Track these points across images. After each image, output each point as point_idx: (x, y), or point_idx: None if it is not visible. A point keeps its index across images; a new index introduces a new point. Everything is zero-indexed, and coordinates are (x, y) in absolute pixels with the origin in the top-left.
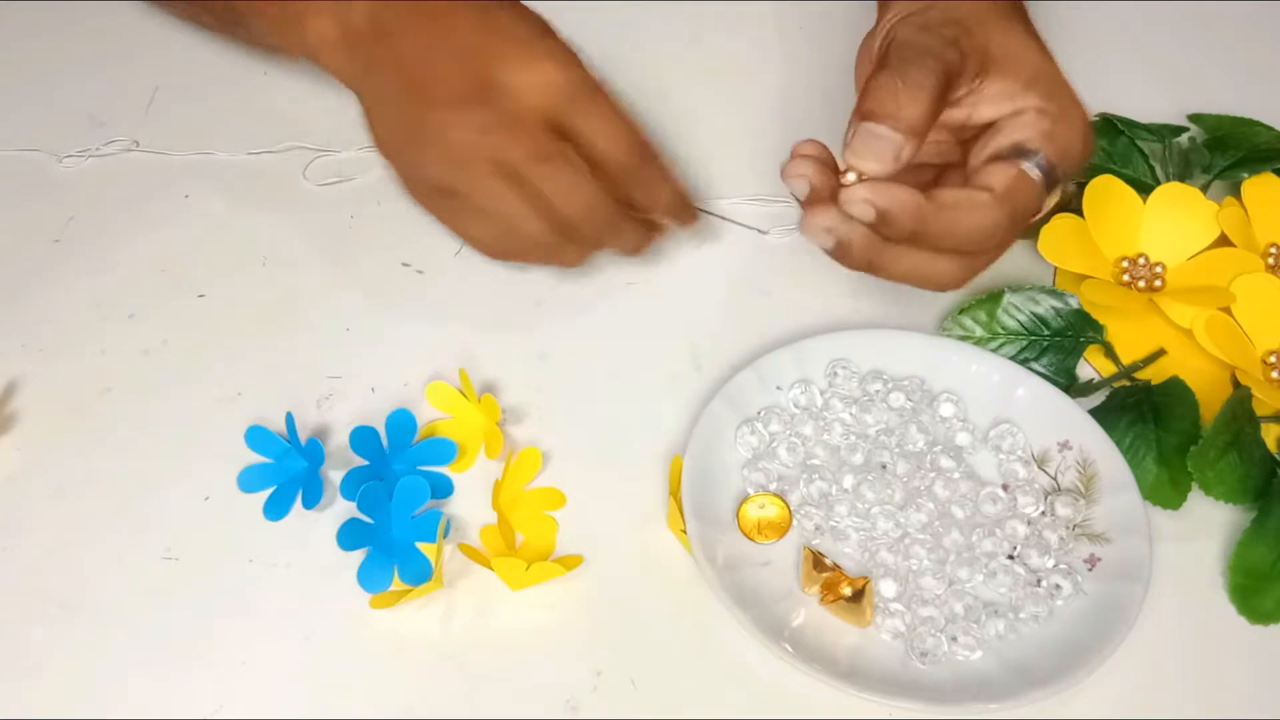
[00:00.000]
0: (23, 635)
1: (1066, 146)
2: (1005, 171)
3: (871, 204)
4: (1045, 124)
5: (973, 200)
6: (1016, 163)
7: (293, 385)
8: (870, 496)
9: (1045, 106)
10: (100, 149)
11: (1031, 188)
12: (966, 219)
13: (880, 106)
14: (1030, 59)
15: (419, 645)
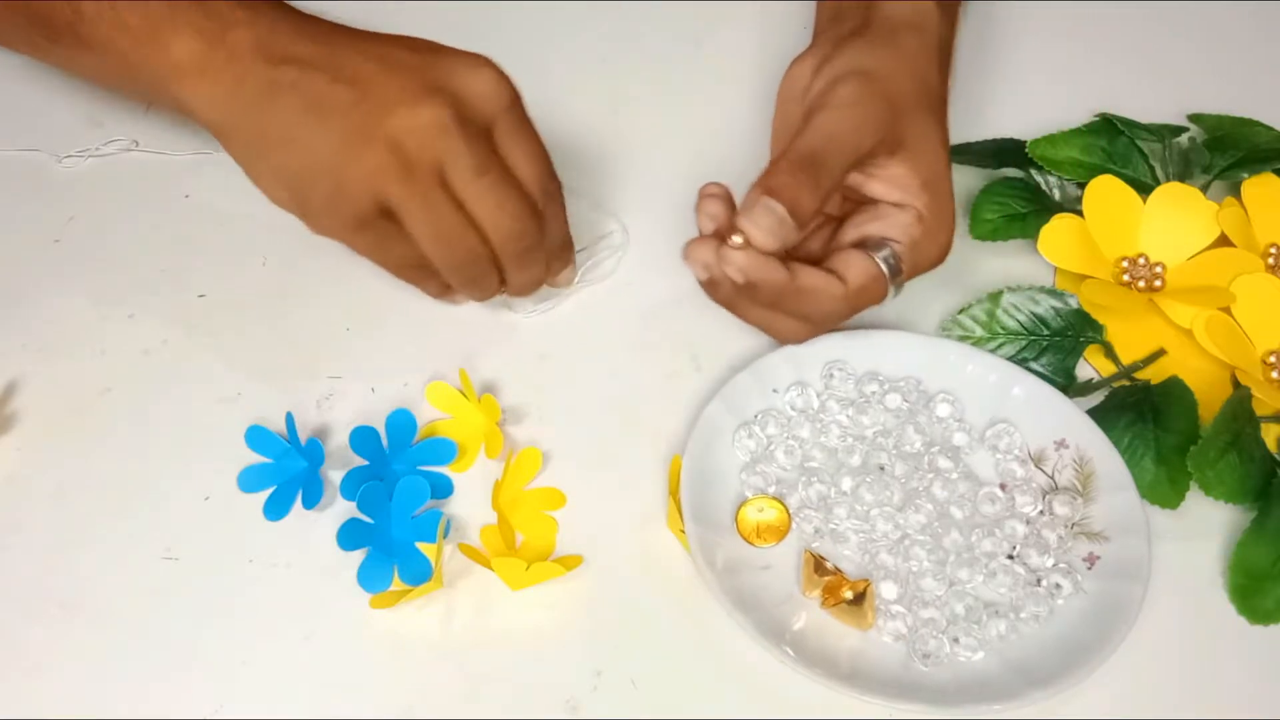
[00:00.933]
0: (23, 635)
1: (924, 259)
2: (863, 268)
3: (745, 273)
4: (916, 232)
5: (828, 290)
6: (874, 261)
7: (293, 385)
8: (869, 498)
9: (925, 214)
10: (100, 149)
11: (880, 287)
12: (818, 303)
13: (785, 189)
14: (934, 161)
15: (419, 645)
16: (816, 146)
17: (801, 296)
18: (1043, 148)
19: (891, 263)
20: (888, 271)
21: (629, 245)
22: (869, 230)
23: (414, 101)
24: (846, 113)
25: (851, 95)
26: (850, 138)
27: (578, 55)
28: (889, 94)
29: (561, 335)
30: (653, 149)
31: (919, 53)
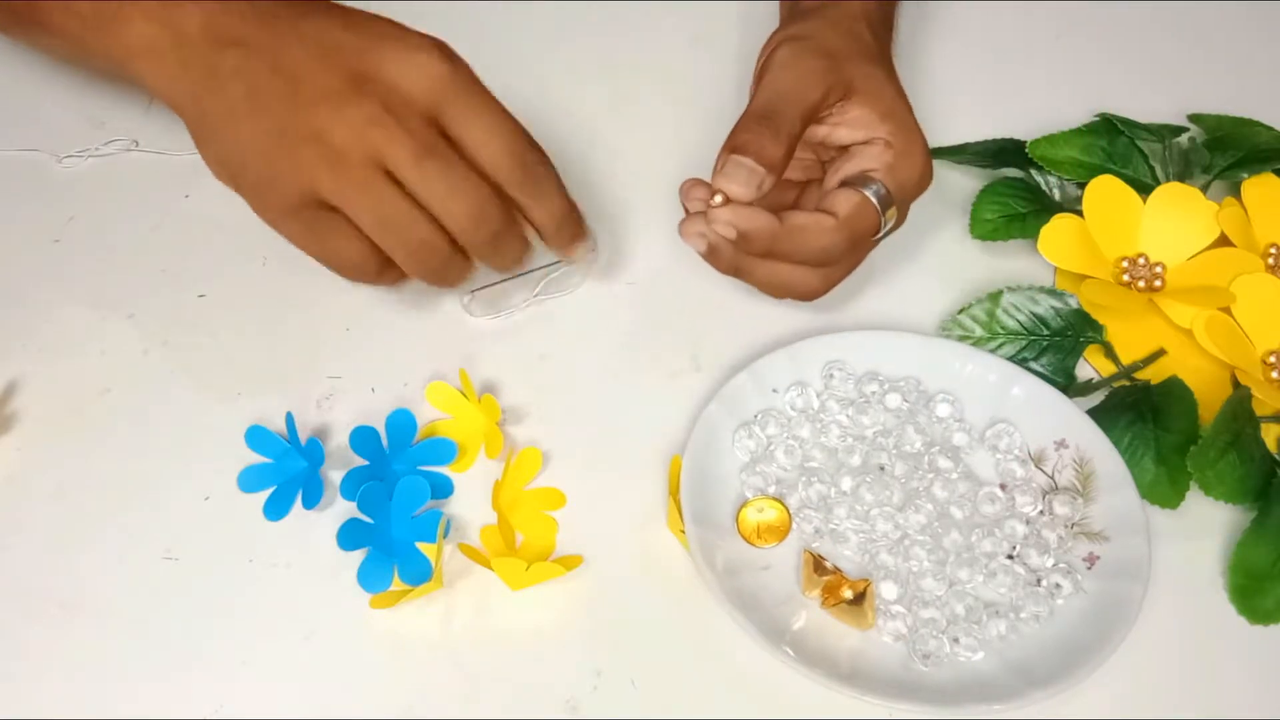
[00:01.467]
0: (23, 635)
1: (905, 179)
2: (849, 198)
3: (733, 225)
4: (889, 156)
5: (819, 224)
6: (859, 190)
7: (293, 385)
8: (869, 498)
9: (893, 140)
10: (100, 149)
11: (870, 213)
12: (813, 239)
13: (749, 143)
14: (888, 96)
15: (419, 645)
16: (767, 101)
17: (794, 236)
18: (1043, 148)
19: (879, 191)
20: (875, 199)
21: (600, 256)
22: (847, 171)
23: (341, 98)
24: (787, 70)
25: (787, 55)
26: (795, 89)
27: (577, 55)
28: (822, 48)
29: (561, 335)
30: (652, 149)
31: (845, 18)
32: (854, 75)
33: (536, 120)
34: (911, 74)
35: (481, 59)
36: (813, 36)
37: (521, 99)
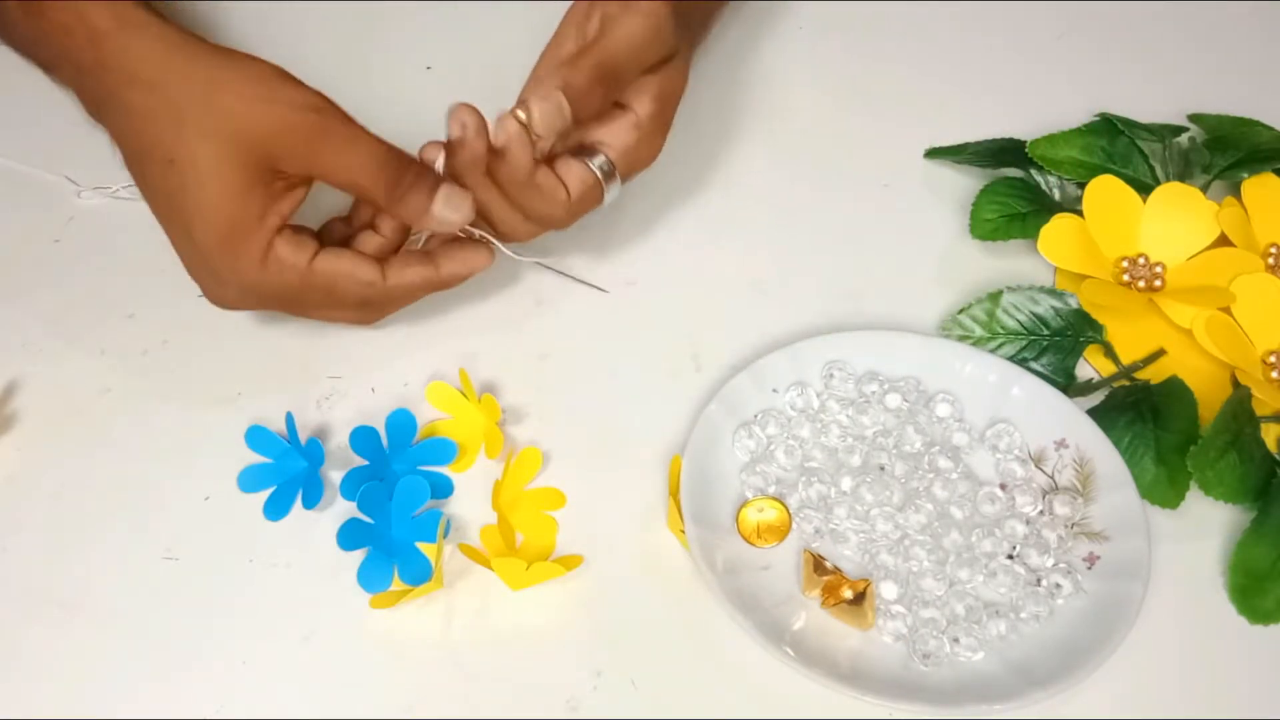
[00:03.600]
0: (23, 635)
1: (636, 163)
2: (584, 178)
3: (509, 141)
4: (631, 138)
5: (555, 193)
6: (593, 170)
7: (293, 385)
8: (869, 498)
9: (643, 122)
10: (118, 191)
11: (596, 194)
12: (542, 204)
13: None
14: (673, 83)
15: (419, 645)
16: (620, 57)
17: (532, 191)
18: (1043, 148)
19: (606, 169)
20: (602, 177)
21: None
22: (589, 134)
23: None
24: (650, 23)
25: (650, 8)
26: (650, 52)
27: None
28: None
29: (561, 335)
30: None
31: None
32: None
33: None
34: (912, 73)
35: (482, 59)
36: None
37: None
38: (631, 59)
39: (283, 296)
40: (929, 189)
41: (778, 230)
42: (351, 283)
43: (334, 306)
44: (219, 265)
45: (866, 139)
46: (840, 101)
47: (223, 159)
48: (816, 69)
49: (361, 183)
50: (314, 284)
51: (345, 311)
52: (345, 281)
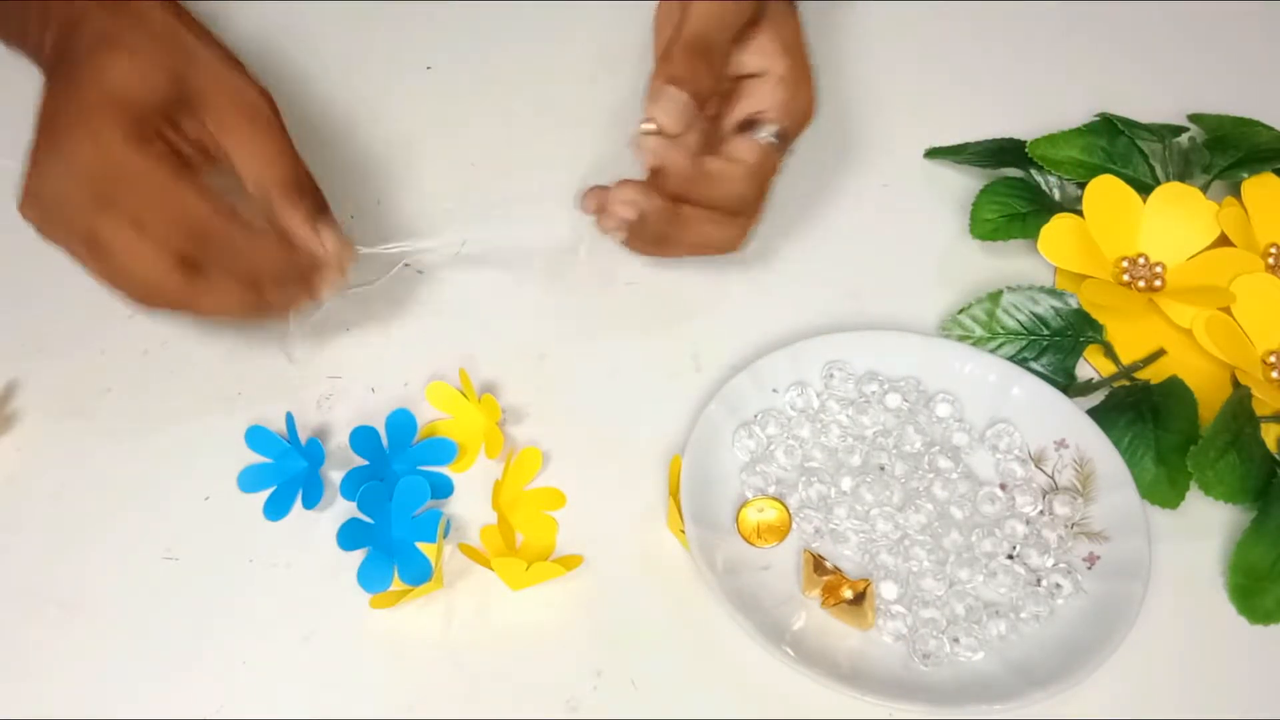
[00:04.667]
0: (23, 635)
1: (798, 114)
2: (753, 148)
3: (657, 155)
4: (782, 93)
5: (731, 172)
6: (761, 138)
7: (293, 385)
8: (869, 498)
9: (787, 76)
10: None
11: (773, 159)
12: (727, 186)
13: (685, 78)
14: (789, 29)
15: (419, 645)
16: (701, 30)
17: (709, 181)
18: (1043, 148)
19: (770, 134)
20: (772, 138)
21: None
22: (742, 111)
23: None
24: (715, 9)
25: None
26: (729, 14)
27: (574, 54)
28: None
29: (561, 335)
30: None
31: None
32: (768, 6)
33: (532, 118)
34: (913, 73)
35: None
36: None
37: (523, 97)
38: (714, 26)
39: (99, 193)
40: (929, 189)
41: (778, 230)
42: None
43: (150, 227)
44: (68, 137)
45: (866, 139)
46: (840, 101)
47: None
48: (817, 69)
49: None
50: (151, 181)
51: (155, 246)
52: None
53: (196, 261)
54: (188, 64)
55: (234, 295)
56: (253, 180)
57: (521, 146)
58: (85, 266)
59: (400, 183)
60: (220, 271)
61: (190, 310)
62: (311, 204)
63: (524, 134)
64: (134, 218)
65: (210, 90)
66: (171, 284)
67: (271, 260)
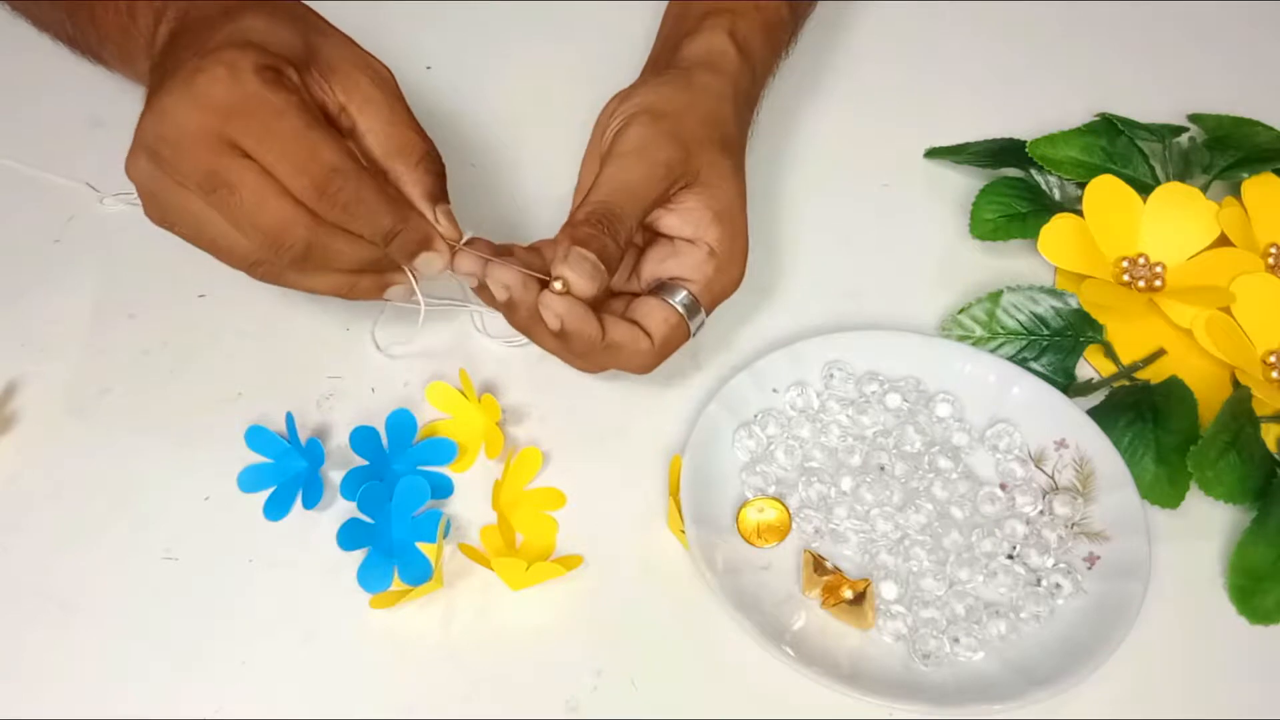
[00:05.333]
0: (23, 635)
1: (720, 291)
2: (665, 318)
3: (563, 320)
4: (709, 268)
5: (635, 345)
6: (674, 307)
7: (293, 385)
8: (869, 498)
9: (717, 248)
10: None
11: (683, 333)
12: (628, 359)
13: (593, 240)
14: (726, 195)
15: (419, 645)
16: (611, 199)
17: (610, 352)
18: (1043, 148)
19: (688, 304)
20: (686, 314)
21: None
22: (665, 270)
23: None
24: (634, 160)
25: (639, 139)
26: (641, 187)
27: (574, 54)
28: (677, 132)
29: None
30: None
31: (711, 92)
32: (701, 165)
33: (532, 118)
34: (913, 73)
35: (482, 59)
36: (669, 116)
37: (523, 97)
38: (623, 198)
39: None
40: (929, 189)
41: (778, 230)
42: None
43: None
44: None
45: (866, 139)
46: (840, 101)
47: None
48: (817, 69)
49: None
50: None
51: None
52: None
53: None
54: (318, 34)
55: (351, 254)
56: (380, 149)
57: (521, 146)
58: (197, 223)
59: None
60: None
61: (306, 267)
62: (435, 182)
63: (524, 134)
64: (264, 157)
65: (340, 59)
66: (296, 232)
67: (393, 223)
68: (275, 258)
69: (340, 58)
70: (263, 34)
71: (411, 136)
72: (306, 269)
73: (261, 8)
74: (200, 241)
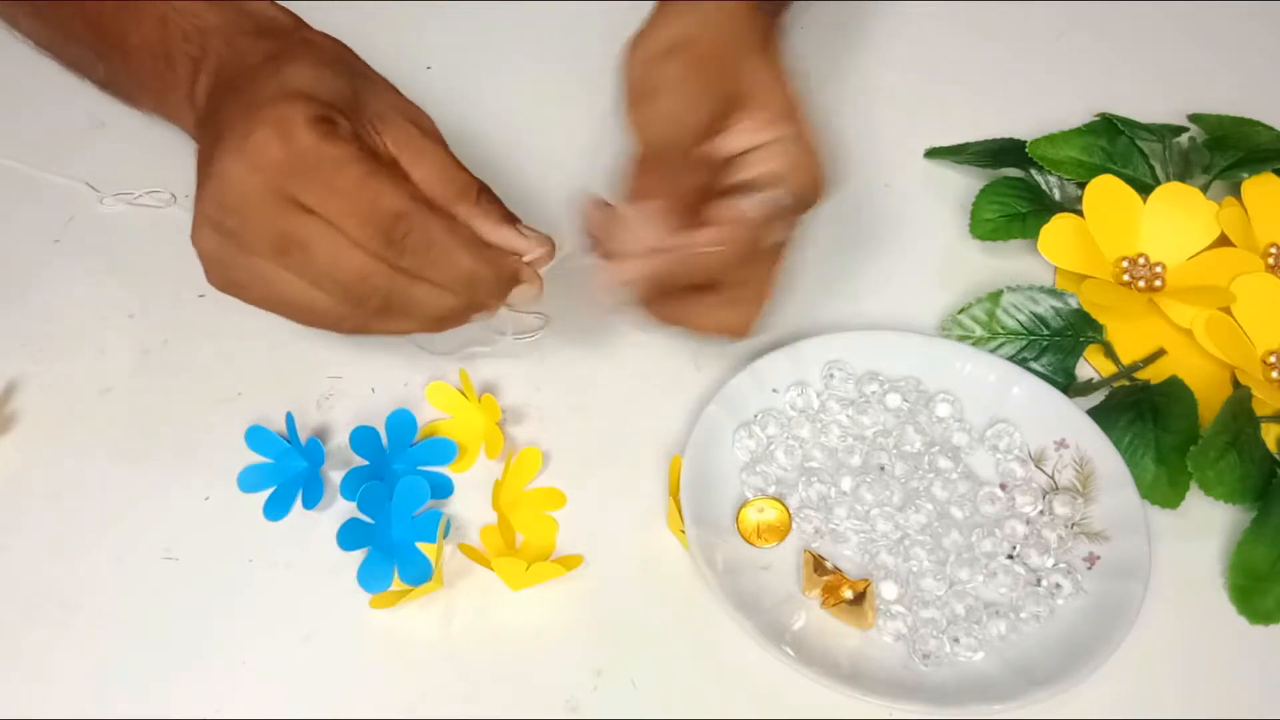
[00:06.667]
0: (23, 635)
1: (801, 174)
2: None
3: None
4: (780, 156)
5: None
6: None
7: (293, 385)
8: (869, 498)
9: (783, 138)
10: (138, 198)
11: (774, 226)
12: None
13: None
14: (780, 100)
15: (419, 645)
16: (663, 137)
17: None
18: (1043, 148)
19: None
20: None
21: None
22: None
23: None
24: (676, 95)
25: (674, 75)
26: (689, 118)
27: (574, 54)
28: (709, 57)
29: (562, 335)
30: None
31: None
32: (742, 79)
33: (532, 118)
34: (913, 73)
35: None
36: (696, 40)
37: (523, 97)
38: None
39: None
40: (929, 189)
41: None
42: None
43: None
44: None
45: (866, 139)
46: (840, 101)
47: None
48: (817, 69)
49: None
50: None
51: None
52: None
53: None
54: (363, 80)
55: (433, 302)
56: (440, 196)
57: (521, 146)
58: (270, 286)
59: None
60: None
61: (391, 315)
62: (502, 209)
63: (524, 134)
64: (330, 211)
65: (386, 107)
66: (375, 283)
67: (472, 261)
68: (357, 311)
69: (388, 105)
70: (311, 83)
71: (467, 177)
72: (392, 316)
73: (306, 53)
74: (276, 304)
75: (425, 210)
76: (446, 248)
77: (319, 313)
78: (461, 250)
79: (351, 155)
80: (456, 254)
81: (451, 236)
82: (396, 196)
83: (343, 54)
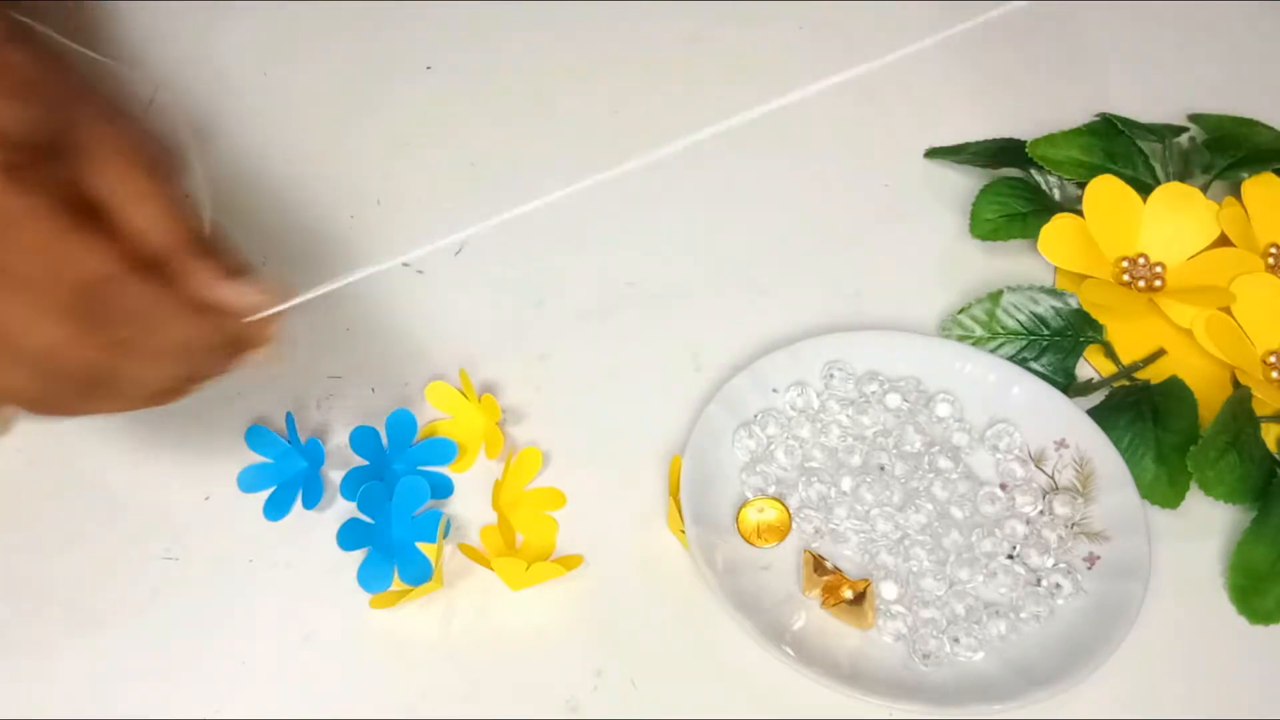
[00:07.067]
0: (23, 635)
1: None
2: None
3: None
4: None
5: None
6: None
7: (292, 385)
8: (869, 498)
9: None
10: None
11: None
12: None
13: None
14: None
15: (419, 645)
16: None
17: None
18: (1043, 148)
19: None
20: None
21: None
22: None
23: None
24: None
25: None
26: None
27: (574, 54)
28: None
29: (561, 335)
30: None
31: None
32: None
33: (532, 118)
34: (912, 73)
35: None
36: None
37: (523, 97)
38: None
39: None
40: (929, 189)
41: (778, 230)
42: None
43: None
44: None
45: (866, 139)
46: (840, 101)
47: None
48: (817, 69)
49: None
50: None
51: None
52: (86, 256)
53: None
54: (65, 109)
55: (154, 375)
56: (161, 244)
57: (521, 146)
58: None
59: (399, 183)
60: (133, 344)
61: (105, 393)
62: (226, 262)
63: (524, 134)
64: (18, 275)
65: (94, 140)
66: (81, 355)
67: (187, 326)
68: (56, 390)
69: (94, 138)
70: (1, 118)
71: (188, 224)
72: (99, 395)
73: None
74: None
75: (127, 273)
76: (154, 317)
77: (12, 391)
78: (172, 318)
79: (41, 209)
80: (166, 323)
81: (159, 304)
82: (91, 258)
83: (43, 75)
